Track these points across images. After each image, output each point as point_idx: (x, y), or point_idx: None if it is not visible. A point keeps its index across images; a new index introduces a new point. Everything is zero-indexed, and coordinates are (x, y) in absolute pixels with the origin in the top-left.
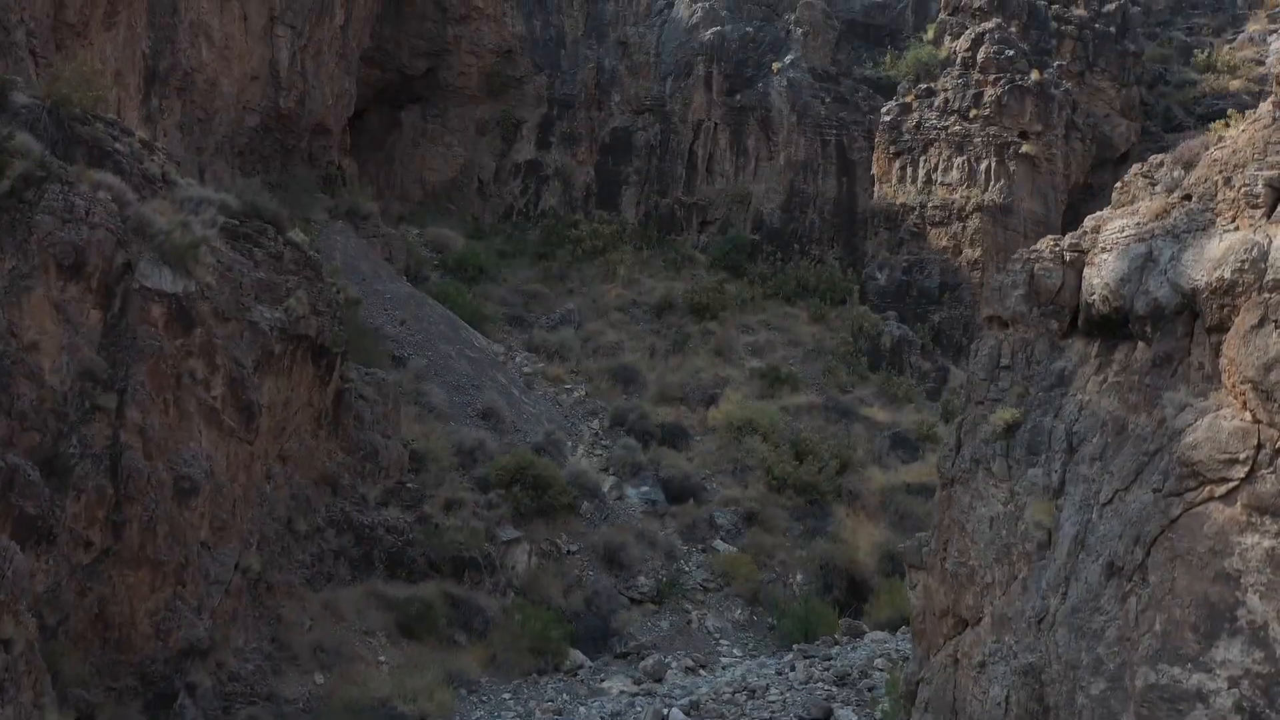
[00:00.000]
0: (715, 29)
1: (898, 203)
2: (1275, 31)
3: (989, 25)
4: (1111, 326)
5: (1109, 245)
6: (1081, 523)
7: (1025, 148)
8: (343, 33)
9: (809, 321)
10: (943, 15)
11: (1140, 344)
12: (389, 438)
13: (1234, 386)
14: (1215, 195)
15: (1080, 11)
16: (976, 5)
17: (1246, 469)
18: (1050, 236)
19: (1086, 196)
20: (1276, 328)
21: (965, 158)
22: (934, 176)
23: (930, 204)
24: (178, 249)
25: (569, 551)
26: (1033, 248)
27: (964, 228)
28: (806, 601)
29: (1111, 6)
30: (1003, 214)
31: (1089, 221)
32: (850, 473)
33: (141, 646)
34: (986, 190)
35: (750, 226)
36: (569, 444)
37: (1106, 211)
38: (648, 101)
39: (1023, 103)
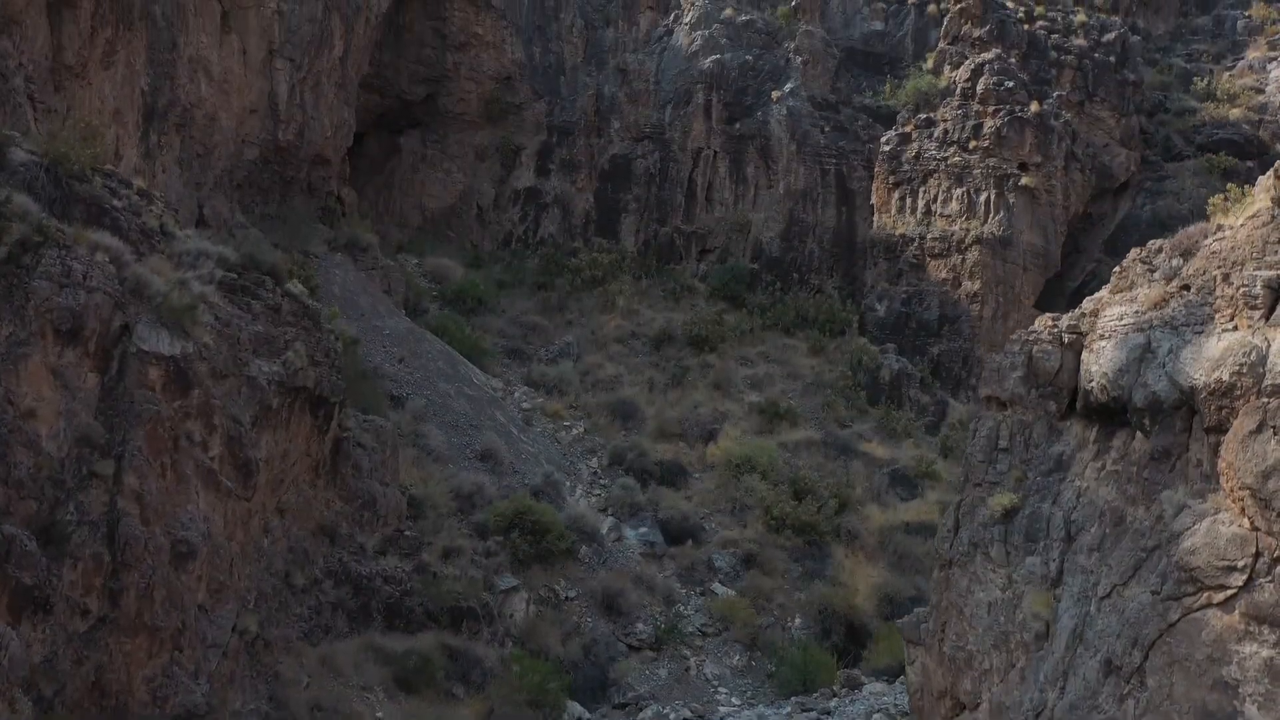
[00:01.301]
0: (715, 57)
1: (897, 233)
2: (1275, 59)
3: (989, 56)
4: (1110, 414)
5: (1107, 332)
6: (1080, 615)
7: (1025, 180)
8: (341, 63)
9: (808, 354)
10: (942, 44)
11: (1138, 435)
12: (387, 485)
13: (1232, 491)
14: (1214, 290)
15: (1080, 41)
16: (976, 35)
17: (1245, 577)
18: (1049, 316)
19: (1086, 226)
20: (1275, 434)
21: (965, 189)
22: (933, 207)
23: (930, 235)
24: (176, 310)
25: (567, 598)
26: (1031, 329)
27: (963, 260)
28: (805, 649)
29: (1111, 36)
30: (1002, 246)
31: (1088, 304)
32: (849, 511)
33: (139, 714)
34: (986, 222)
35: (749, 255)
36: (567, 484)
37: (1105, 293)
38: (647, 129)
39: (1022, 134)
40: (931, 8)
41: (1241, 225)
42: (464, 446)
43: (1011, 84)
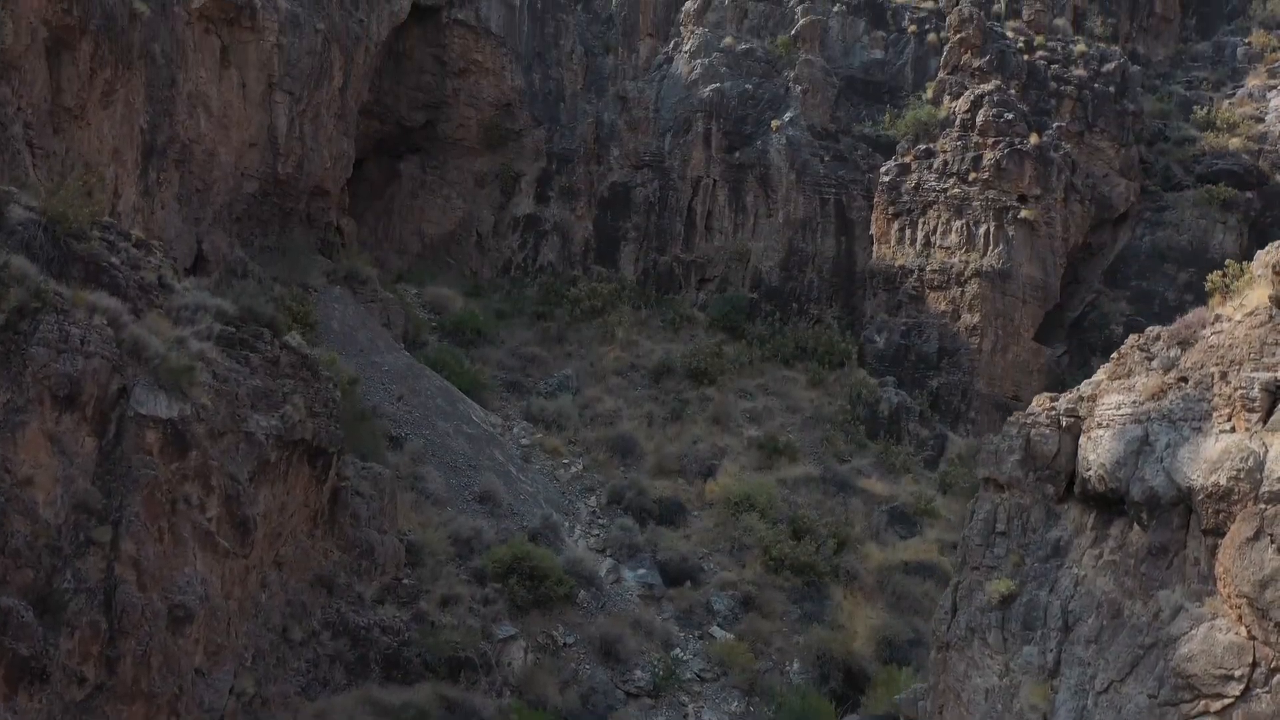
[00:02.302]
0: (714, 86)
1: (896, 264)
2: (1274, 87)
3: (988, 87)
4: (1108, 502)
5: (1105, 421)
6: (1077, 709)
7: (1024, 213)
8: (341, 94)
9: (807, 386)
10: (942, 74)
11: (1136, 527)
12: (385, 533)
13: (1229, 598)
14: (1212, 386)
15: (1080, 71)
16: (976, 65)
17: (1242, 687)
18: (1046, 397)
19: (1085, 256)
20: (1272, 542)
21: (964, 221)
22: (933, 239)
23: (929, 267)
24: (174, 372)
25: (565, 644)
26: (1029, 410)
27: (962, 293)
28: (803, 696)
29: (1111, 66)
30: (1001, 280)
31: (1085, 388)
32: (848, 550)
33: None
34: (985, 255)
35: (749, 284)
36: (566, 524)
37: (1102, 377)
38: (646, 157)
39: (1022, 166)
40: (931, 36)
41: (1240, 321)
42: (463, 488)
43: (1011, 116)
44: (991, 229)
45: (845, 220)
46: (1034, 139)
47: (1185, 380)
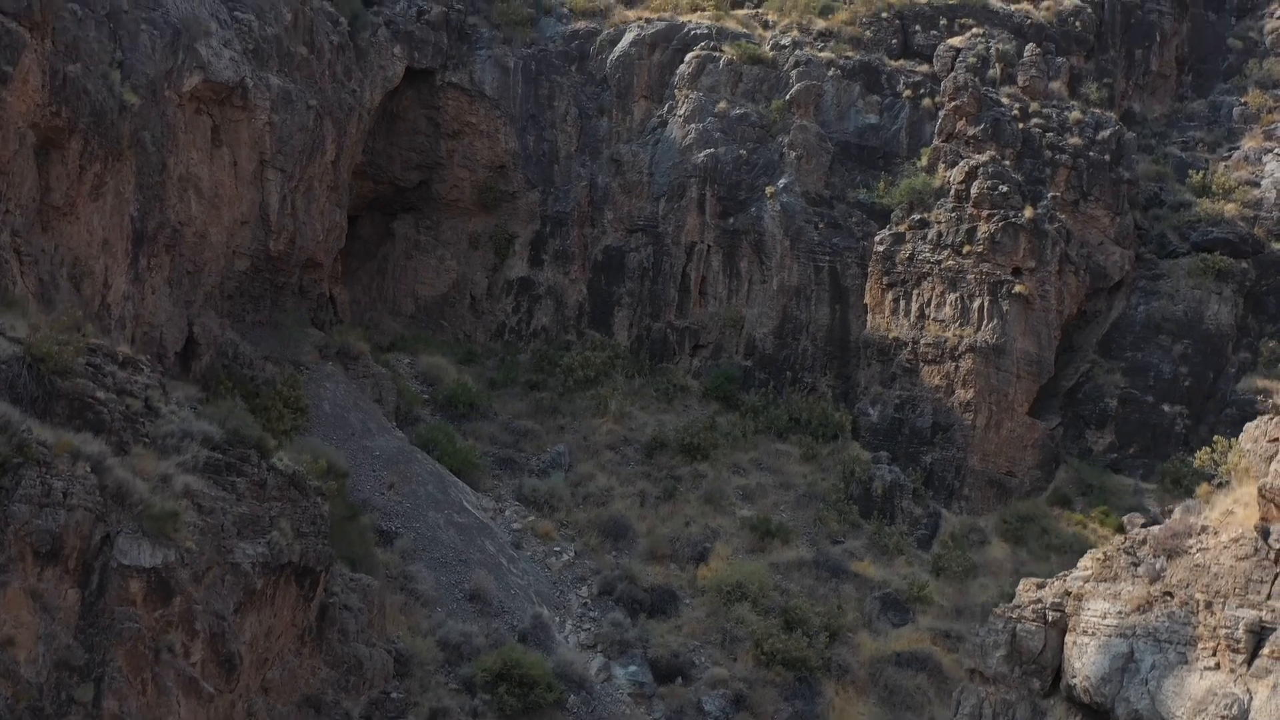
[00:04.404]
0: (709, 151)
1: (891, 336)
2: (1270, 150)
3: (983, 158)
4: (1094, 711)
5: (1091, 629)
6: None
7: (1018, 287)
8: (334, 166)
9: (801, 460)
10: (937, 142)
11: None
12: (374, 645)
13: None
14: (1197, 613)
15: (1075, 140)
16: (971, 134)
17: None
18: (1032, 584)
19: (1080, 324)
20: None
21: (958, 294)
22: (927, 311)
23: (923, 340)
24: (157, 519)
25: None
26: (1014, 604)
27: (956, 368)
28: None
29: (1106, 133)
30: (996, 355)
31: (1073, 583)
32: (839, 641)
33: None
34: (979, 330)
35: (743, 351)
36: (557, 619)
37: (1088, 571)
38: (641, 221)
39: (1016, 240)
40: (926, 101)
41: (1226, 547)
42: (453, 586)
43: (1006, 188)
44: (986, 303)
45: (839, 288)
46: (1028, 212)
47: (1170, 595)
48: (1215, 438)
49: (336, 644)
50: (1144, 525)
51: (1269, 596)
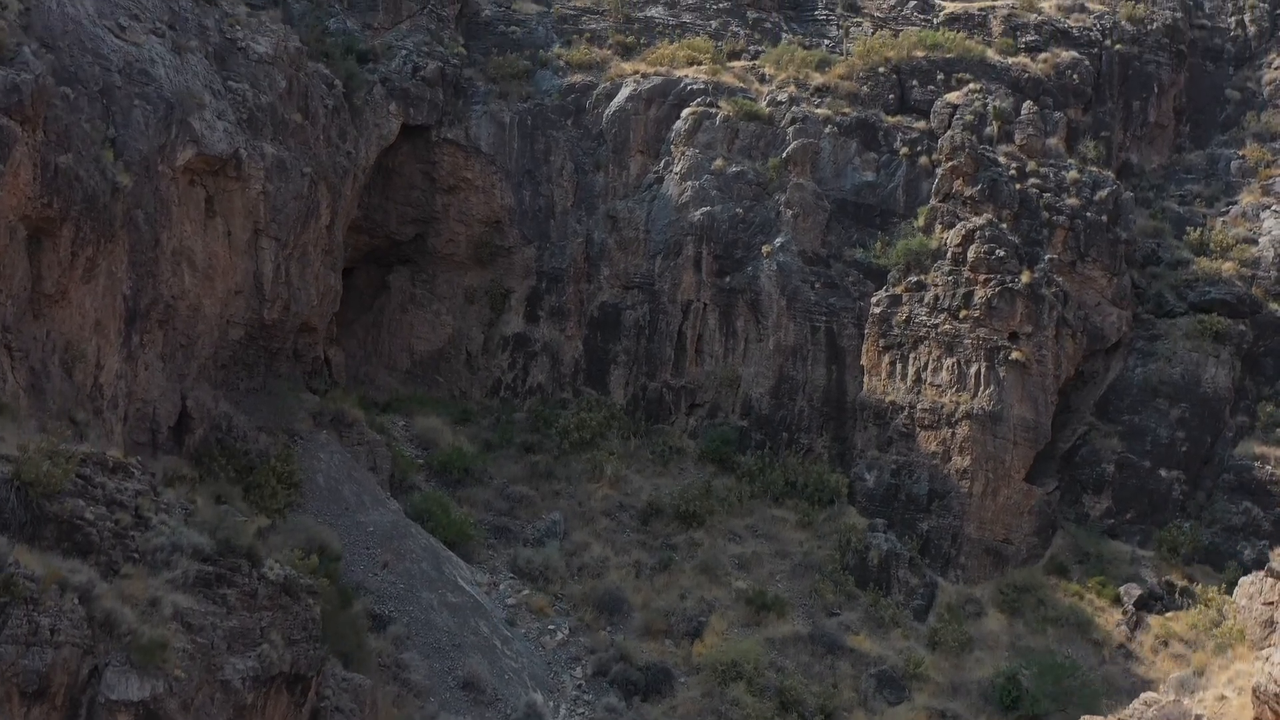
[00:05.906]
0: (705, 209)
1: (887, 399)
2: (1268, 206)
3: (980, 221)
4: None
5: None
6: None
7: (1015, 354)
8: (329, 230)
9: (797, 527)
10: (934, 201)
11: None
12: None
13: None
14: None
15: (1072, 200)
16: (968, 194)
17: None
18: None
19: (1078, 385)
20: None
21: (955, 359)
22: (924, 375)
23: (920, 405)
24: (145, 650)
25: None
26: None
27: (953, 434)
28: None
29: (1104, 193)
30: (992, 422)
31: None
32: None
33: None
34: (976, 396)
35: (739, 411)
36: (550, 704)
37: None
38: (637, 278)
39: (1013, 305)
40: (923, 159)
41: None
42: (445, 674)
43: (1003, 252)
44: (983, 369)
45: (836, 348)
46: (1025, 276)
47: None
48: (1210, 596)
49: None
50: (1139, 597)
51: None
